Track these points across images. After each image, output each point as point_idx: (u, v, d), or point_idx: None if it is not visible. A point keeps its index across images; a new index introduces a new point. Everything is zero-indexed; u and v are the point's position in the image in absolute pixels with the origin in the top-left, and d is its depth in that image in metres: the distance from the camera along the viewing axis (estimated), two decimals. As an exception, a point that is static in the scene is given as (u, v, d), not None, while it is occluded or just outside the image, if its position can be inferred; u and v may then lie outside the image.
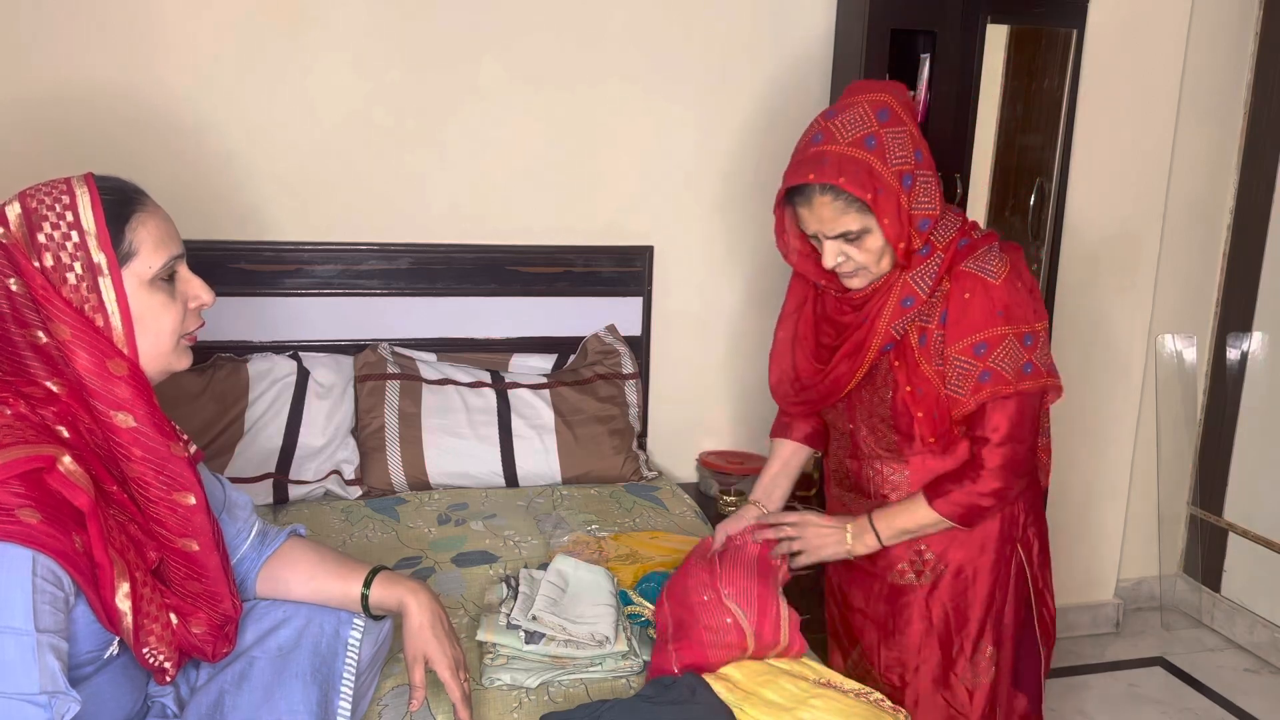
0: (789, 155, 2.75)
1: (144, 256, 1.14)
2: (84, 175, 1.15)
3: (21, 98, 2.15)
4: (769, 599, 1.50)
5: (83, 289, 1.10)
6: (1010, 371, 1.48)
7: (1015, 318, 1.48)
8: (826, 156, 1.43)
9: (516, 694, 1.44)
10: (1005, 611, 1.65)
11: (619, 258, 2.55)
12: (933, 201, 1.48)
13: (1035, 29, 2.52)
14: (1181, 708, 2.68)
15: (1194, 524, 3.17)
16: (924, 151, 1.48)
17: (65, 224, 1.10)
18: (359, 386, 2.31)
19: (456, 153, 2.41)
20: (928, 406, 1.54)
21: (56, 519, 1.00)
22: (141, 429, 1.12)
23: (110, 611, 1.07)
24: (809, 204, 1.47)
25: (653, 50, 2.48)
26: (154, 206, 1.18)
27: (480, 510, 2.13)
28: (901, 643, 1.69)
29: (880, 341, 1.54)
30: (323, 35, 2.28)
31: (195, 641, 1.19)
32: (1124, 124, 2.70)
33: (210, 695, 1.22)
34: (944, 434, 1.56)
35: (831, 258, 1.50)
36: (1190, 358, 3.08)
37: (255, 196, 2.31)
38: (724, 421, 2.75)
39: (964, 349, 1.49)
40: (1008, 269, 1.49)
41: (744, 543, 1.64)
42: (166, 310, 1.17)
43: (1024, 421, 1.52)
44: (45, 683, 0.96)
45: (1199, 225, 3.01)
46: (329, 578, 1.36)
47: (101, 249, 1.11)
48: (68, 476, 1.04)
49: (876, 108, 1.45)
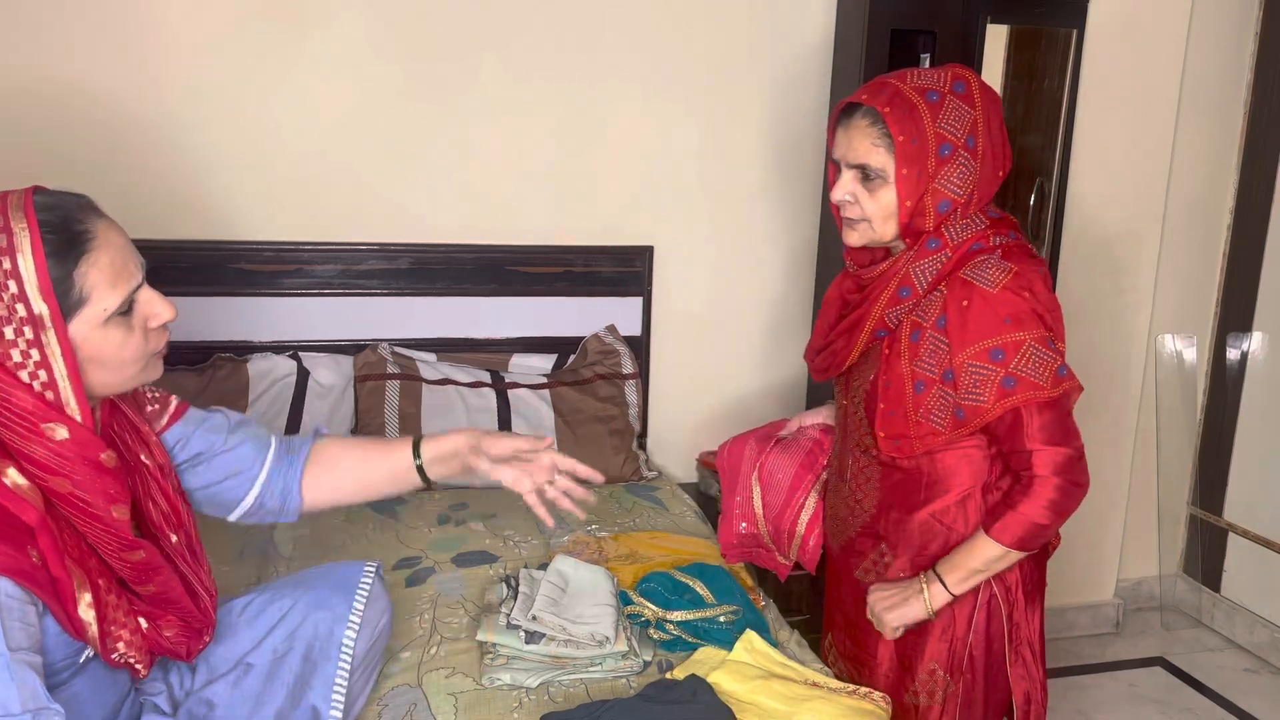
0: (789, 155, 2.74)
1: (96, 301, 1.04)
2: (24, 198, 1.02)
3: (18, 98, 2.15)
4: (799, 490, 1.52)
5: (21, 343, 1.00)
6: (1043, 377, 1.40)
7: (1028, 325, 1.41)
8: (886, 87, 1.44)
9: (516, 694, 1.44)
10: (973, 642, 1.56)
11: (619, 258, 2.55)
12: (962, 188, 1.43)
13: (1035, 29, 2.52)
14: (1181, 708, 2.68)
15: (1194, 524, 3.17)
16: (980, 142, 1.43)
17: (2, 272, 0.99)
18: (359, 386, 2.31)
19: (457, 153, 2.41)
20: (890, 401, 1.51)
21: (7, 535, 0.97)
22: (78, 494, 1.05)
23: (74, 622, 1.05)
24: (848, 124, 1.47)
25: (653, 50, 2.48)
26: (105, 234, 1.05)
27: (480, 510, 2.13)
28: (865, 641, 1.65)
29: (874, 325, 1.52)
30: (322, 35, 2.28)
31: (167, 644, 1.17)
32: (1124, 124, 2.70)
33: (202, 703, 1.22)
34: (900, 437, 1.50)
35: (841, 190, 1.49)
36: (1190, 358, 3.08)
37: (255, 196, 2.31)
38: (724, 421, 2.75)
39: (977, 354, 1.42)
40: (1009, 278, 1.42)
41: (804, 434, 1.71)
42: (125, 344, 1.08)
43: (1064, 426, 1.44)
44: (26, 700, 0.95)
45: (1199, 225, 3.01)
46: (378, 462, 1.36)
47: (44, 300, 1.00)
48: (15, 491, 1.00)
49: (957, 79, 1.45)
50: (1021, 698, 1.57)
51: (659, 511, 2.18)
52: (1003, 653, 1.56)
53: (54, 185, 1.09)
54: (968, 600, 1.54)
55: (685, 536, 2.02)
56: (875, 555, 1.62)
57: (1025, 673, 1.57)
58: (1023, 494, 1.44)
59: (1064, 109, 2.55)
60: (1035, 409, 1.42)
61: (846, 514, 1.66)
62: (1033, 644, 1.58)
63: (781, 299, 2.72)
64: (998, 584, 1.54)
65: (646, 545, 1.94)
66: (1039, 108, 2.56)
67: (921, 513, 1.55)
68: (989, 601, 1.55)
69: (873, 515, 1.61)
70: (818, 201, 2.66)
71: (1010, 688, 1.57)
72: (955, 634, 1.56)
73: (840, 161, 1.49)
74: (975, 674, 1.57)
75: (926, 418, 1.48)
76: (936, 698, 1.58)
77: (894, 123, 1.41)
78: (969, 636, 1.56)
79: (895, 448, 1.52)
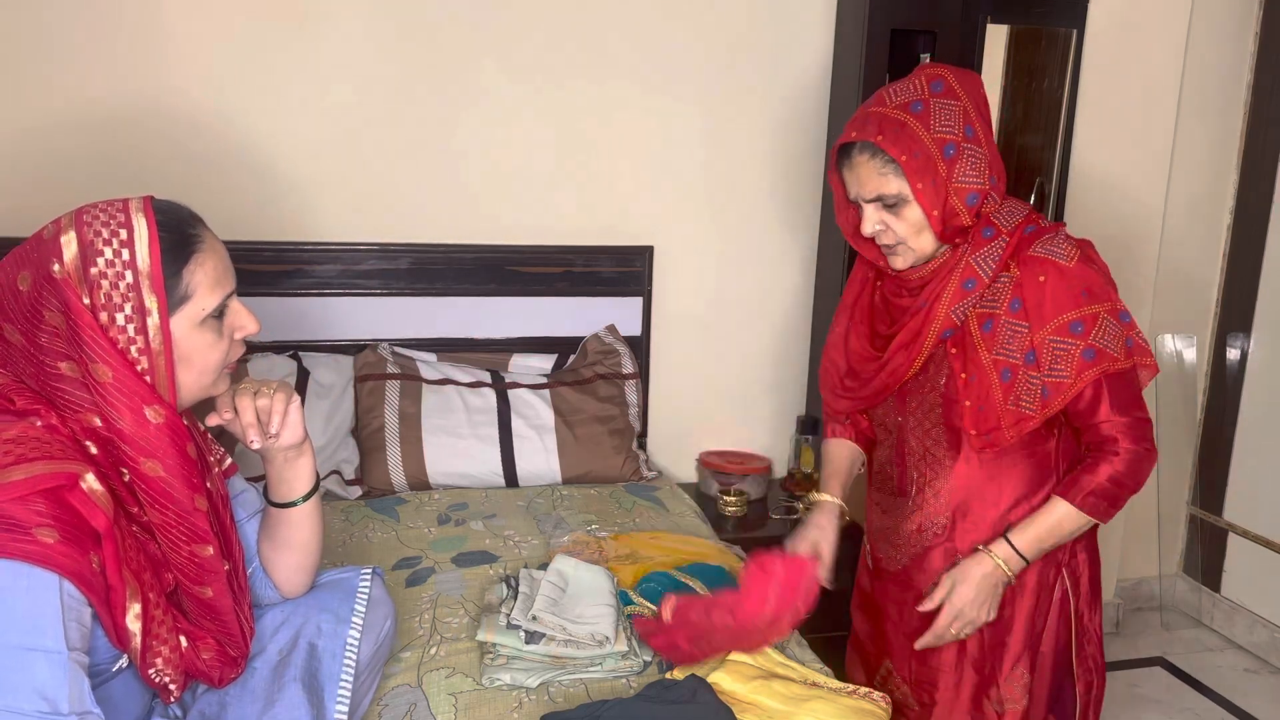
0: (789, 155, 2.74)
1: (199, 299, 1.12)
2: (143, 202, 1.11)
3: (27, 103, 2.15)
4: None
5: (130, 330, 1.08)
6: (1116, 348, 1.43)
7: (1100, 297, 1.44)
8: (870, 117, 1.44)
9: (516, 694, 1.44)
10: (1044, 638, 1.58)
11: (619, 258, 2.55)
12: (981, 177, 1.43)
13: (1035, 29, 2.52)
14: (1181, 708, 2.68)
15: (1194, 524, 3.17)
16: (978, 129, 1.44)
17: (121, 262, 1.07)
18: (359, 386, 2.31)
19: (457, 153, 2.41)
20: (977, 396, 1.48)
21: (74, 538, 1.00)
22: (168, 479, 1.10)
23: (120, 631, 1.08)
24: (850, 164, 1.47)
25: (653, 50, 2.48)
26: (212, 241, 1.15)
27: (480, 510, 2.13)
28: (935, 660, 1.62)
29: (939, 327, 1.49)
30: (325, 37, 2.28)
31: (202, 666, 1.20)
32: (1124, 124, 2.70)
33: (212, 705, 1.23)
34: (992, 430, 1.49)
35: (869, 224, 1.48)
36: (1190, 358, 3.08)
37: (255, 197, 2.31)
38: (724, 421, 2.75)
39: (1058, 328, 1.43)
40: (1080, 252, 1.45)
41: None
42: (213, 348, 1.15)
43: (1134, 395, 1.47)
44: (74, 703, 0.98)
45: (1199, 225, 3.01)
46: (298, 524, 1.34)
47: (154, 292, 1.08)
48: (89, 496, 1.03)
49: (932, 79, 1.45)
50: (1084, 688, 1.61)
51: (659, 511, 2.18)
52: (1069, 645, 1.60)
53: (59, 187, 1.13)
54: (1045, 600, 1.57)
55: (685, 536, 2.02)
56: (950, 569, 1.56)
57: (1089, 666, 1.61)
58: (1103, 460, 1.47)
59: (1064, 109, 2.55)
60: (1110, 380, 1.45)
61: (913, 531, 1.61)
62: (1097, 638, 1.62)
63: (782, 298, 2.72)
64: (1070, 582, 1.57)
65: (646, 545, 1.94)
66: (1039, 108, 2.56)
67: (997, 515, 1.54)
68: (1062, 600, 1.58)
69: (946, 528, 1.58)
70: (818, 201, 2.66)
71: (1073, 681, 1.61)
72: (1035, 632, 1.58)
73: (858, 199, 1.49)
74: (1045, 670, 1.60)
75: (1017, 404, 1.47)
76: (1021, 701, 1.58)
77: (890, 146, 1.41)
78: (1044, 636, 1.59)
79: (988, 443, 1.51)
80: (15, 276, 1.08)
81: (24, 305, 1.07)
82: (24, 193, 2.14)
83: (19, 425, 1.04)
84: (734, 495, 2.50)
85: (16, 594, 0.96)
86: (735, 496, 2.50)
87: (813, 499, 1.71)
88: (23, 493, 0.98)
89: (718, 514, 2.48)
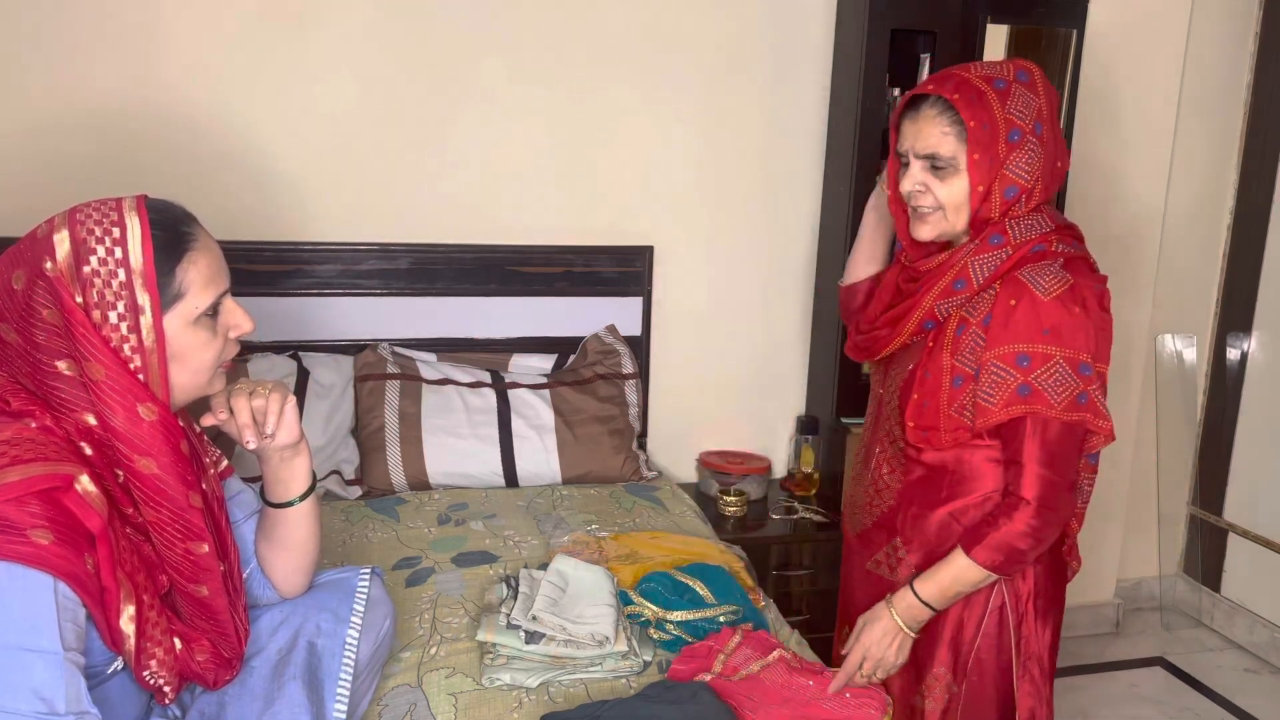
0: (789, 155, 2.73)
1: (192, 297, 1.12)
2: (136, 201, 1.11)
3: (26, 104, 2.15)
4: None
5: (123, 328, 1.08)
6: (1057, 396, 1.39)
7: (1066, 342, 1.39)
8: (952, 77, 1.45)
9: (516, 694, 1.44)
10: (981, 646, 1.54)
11: (619, 258, 2.55)
12: (1030, 174, 1.43)
13: (1035, 29, 2.52)
14: (1181, 708, 2.68)
15: (1194, 524, 3.17)
16: (1046, 129, 1.43)
17: (114, 260, 1.07)
18: (359, 386, 2.31)
19: (457, 153, 2.41)
20: (925, 393, 1.49)
21: (69, 540, 1.00)
22: (162, 476, 1.10)
23: (114, 633, 1.08)
24: (916, 115, 1.47)
25: (653, 50, 2.48)
26: (205, 240, 1.15)
27: (480, 510, 2.13)
28: None
29: (922, 316, 1.51)
30: (324, 37, 2.28)
31: (197, 668, 1.20)
32: (1124, 124, 2.70)
33: (211, 704, 1.23)
34: (929, 429, 1.49)
35: (910, 181, 1.48)
36: (1190, 358, 3.08)
37: (255, 197, 2.31)
38: (724, 421, 2.75)
39: (1004, 356, 1.41)
40: (1063, 289, 1.41)
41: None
42: (207, 347, 1.16)
43: (1064, 453, 1.41)
44: (71, 703, 0.98)
45: (1199, 225, 3.01)
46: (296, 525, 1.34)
47: (147, 290, 1.08)
48: (83, 498, 1.03)
49: (1020, 68, 1.45)
50: (1026, 714, 1.55)
51: (659, 511, 2.18)
52: (1010, 664, 1.55)
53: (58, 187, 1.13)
54: (978, 605, 1.53)
55: (685, 536, 2.02)
56: (889, 549, 1.60)
57: (1032, 689, 1.55)
58: (1005, 515, 1.43)
59: (1064, 109, 2.55)
60: (1041, 425, 1.40)
61: (866, 502, 1.65)
62: (1042, 661, 1.56)
63: (781, 298, 2.71)
64: (1009, 592, 1.52)
65: (646, 545, 1.94)
66: (1039, 108, 2.56)
67: (941, 510, 1.53)
68: (1000, 609, 1.53)
69: (891, 507, 1.59)
70: (818, 201, 2.65)
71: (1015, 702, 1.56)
72: (963, 637, 1.55)
73: (908, 153, 1.48)
74: (982, 680, 1.55)
75: (960, 412, 1.46)
76: (940, 701, 1.57)
77: (964, 108, 1.41)
78: (976, 641, 1.55)
79: (923, 439, 1.51)
80: (10, 275, 1.08)
81: (19, 304, 1.07)
82: (24, 193, 2.14)
83: (14, 427, 1.04)
84: (734, 495, 2.50)
85: (12, 595, 0.96)
86: (735, 496, 2.50)
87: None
88: (18, 494, 0.98)
89: (718, 514, 2.48)
